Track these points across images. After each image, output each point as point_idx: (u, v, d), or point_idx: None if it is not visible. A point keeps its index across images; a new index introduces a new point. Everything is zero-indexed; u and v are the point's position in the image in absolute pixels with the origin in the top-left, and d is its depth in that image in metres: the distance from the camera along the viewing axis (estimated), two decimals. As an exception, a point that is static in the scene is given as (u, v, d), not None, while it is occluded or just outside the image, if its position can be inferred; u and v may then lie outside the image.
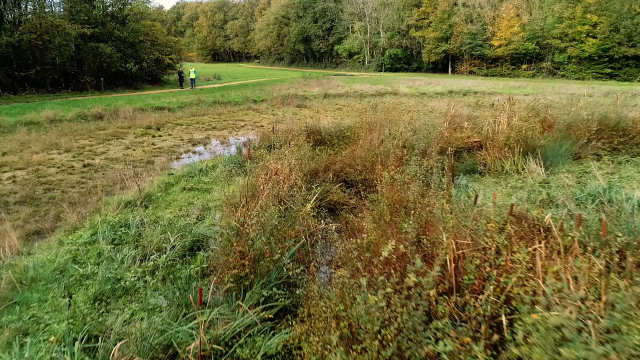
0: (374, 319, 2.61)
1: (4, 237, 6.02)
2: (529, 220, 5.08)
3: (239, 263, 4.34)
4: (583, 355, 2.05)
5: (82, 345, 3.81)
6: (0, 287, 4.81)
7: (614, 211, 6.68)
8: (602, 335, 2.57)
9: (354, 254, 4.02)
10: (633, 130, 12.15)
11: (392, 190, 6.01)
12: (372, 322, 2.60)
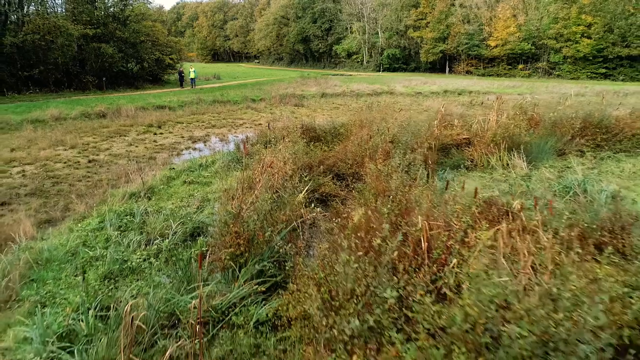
0: (348, 276, 3.10)
1: (19, 224, 6.52)
2: (497, 206, 5.60)
3: (234, 242, 4.84)
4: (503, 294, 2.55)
5: (96, 312, 4.31)
6: (19, 267, 5.31)
7: (586, 201, 7.21)
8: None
9: (336, 231, 4.51)
10: (616, 127, 12.63)
11: (377, 181, 6.53)
12: (345, 279, 3.09)
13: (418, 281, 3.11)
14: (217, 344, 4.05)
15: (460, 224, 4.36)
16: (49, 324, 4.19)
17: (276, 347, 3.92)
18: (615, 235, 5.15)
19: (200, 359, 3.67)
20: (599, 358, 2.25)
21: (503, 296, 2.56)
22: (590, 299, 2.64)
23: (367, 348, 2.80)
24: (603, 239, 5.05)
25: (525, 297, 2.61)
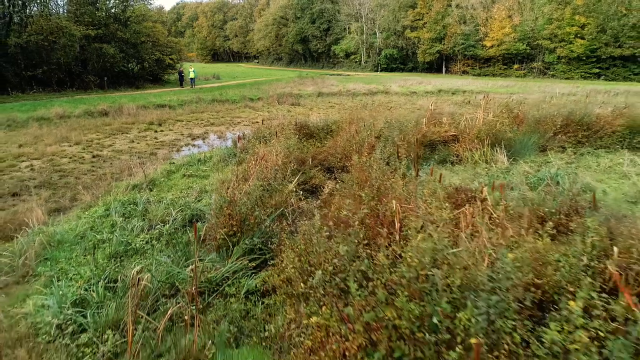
0: (319, 242, 3.68)
1: (32, 212, 7.10)
2: (465, 192, 6.18)
3: (228, 223, 5.42)
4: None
5: (104, 284, 4.89)
6: (34, 247, 5.89)
7: (557, 191, 7.78)
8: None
9: (316, 212, 5.09)
10: (596, 125, 13.19)
11: (360, 171, 7.10)
12: (318, 244, 3.67)
13: (383, 250, 3.68)
14: (212, 310, 4.62)
15: (426, 205, 4.94)
16: (64, 293, 4.76)
17: (263, 311, 4.49)
18: (571, 217, 5.73)
19: (196, 321, 4.23)
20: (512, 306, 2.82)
21: (436, 251, 3.14)
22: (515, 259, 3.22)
23: (335, 302, 3.36)
24: (560, 221, 5.63)
25: (460, 256, 3.19)
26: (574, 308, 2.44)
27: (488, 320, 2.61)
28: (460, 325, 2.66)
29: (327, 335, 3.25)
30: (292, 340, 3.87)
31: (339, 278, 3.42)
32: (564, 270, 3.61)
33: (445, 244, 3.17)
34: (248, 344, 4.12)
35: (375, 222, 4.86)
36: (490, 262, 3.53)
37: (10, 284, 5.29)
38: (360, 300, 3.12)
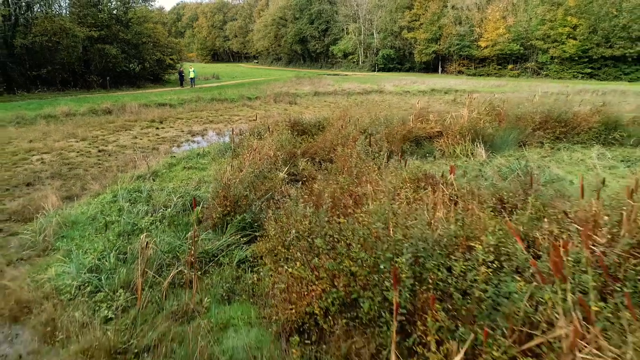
0: (297, 213, 4.45)
1: (47, 198, 7.87)
2: (435, 179, 6.96)
3: (222, 204, 6.20)
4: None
5: (115, 255, 5.66)
6: (52, 226, 6.66)
7: (524, 180, 8.54)
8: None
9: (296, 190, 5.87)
10: (574, 121, 13.97)
11: (343, 161, 7.89)
12: (295, 213, 4.44)
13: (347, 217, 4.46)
14: (208, 276, 5.39)
15: (392, 186, 5.72)
16: (81, 261, 5.54)
17: (252, 277, 5.26)
18: (526, 200, 6.51)
19: (195, 280, 5.01)
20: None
21: (381, 214, 3.92)
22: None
23: (305, 255, 4.13)
24: (516, 202, 6.41)
25: (408, 219, 3.96)
26: (479, 250, 3.21)
27: (418, 262, 3.39)
28: (399, 267, 3.42)
29: (300, 284, 4.04)
30: (275, 297, 4.64)
31: (309, 237, 4.20)
32: (498, 234, 4.38)
33: (390, 209, 3.94)
34: (238, 301, 4.90)
35: (347, 198, 5.64)
36: (435, 226, 4.31)
37: (32, 256, 6.07)
38: (325, 252, 3.90)
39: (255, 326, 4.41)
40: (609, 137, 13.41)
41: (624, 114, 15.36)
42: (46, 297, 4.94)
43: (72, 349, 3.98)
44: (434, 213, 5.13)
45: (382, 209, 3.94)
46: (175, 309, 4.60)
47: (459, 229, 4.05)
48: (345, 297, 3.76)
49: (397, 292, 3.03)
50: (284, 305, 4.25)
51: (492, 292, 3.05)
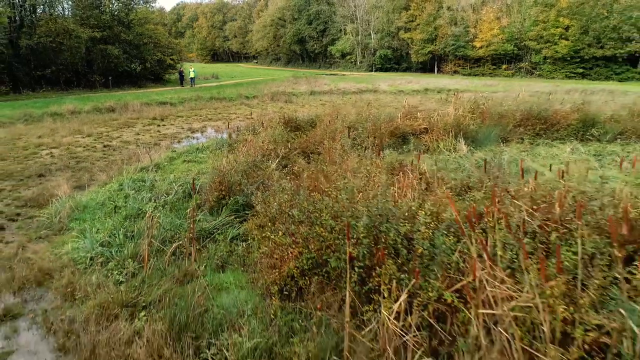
0: (284, 191, 5.23)
1: (60, 186, 8.64)
2: (408, 167, 7.74)
3: (218, 189, 6.98)
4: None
5: (124, 232, 6.43)
6: (66, 209, 7.44)
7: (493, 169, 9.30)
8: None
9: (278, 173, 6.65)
10: (553, 119, 14.75)
11: (328, 152, 8.67)
12: (281, 191, 5.22)
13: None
14: (205, 250, 6.15)
15: (367, 172, 6.50)
16: (94, 238, 6.32)
17: (243, 250, 6.03)
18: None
19: (194, 250, 5.79)
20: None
21: (348, 189, 4.70)
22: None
23: (285, 224, 4.91)
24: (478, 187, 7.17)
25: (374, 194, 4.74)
26: (422, 215, 3.99)
27: (375, 227, 4.17)
28: (359, 232, 4.21)
29: (281, 249, 4.82)
30: (262, 264, 5.41)
31: (289, 210, 4.98)
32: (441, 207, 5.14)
33: (356, 185, 4.71)
34: (231, 269, 5.68)
35: (322, 178, 6.41)
36: (398, 201, 5.09)
37: (50, 235, 6.85)
38: (301, 221, 4.68)
39: (245, 289, 5.18)
40: (587, 134, 14.16)
41: (602, 112, 16.13)
42: (64, 266, 5.72)
43: (90, 304, 4.76)
44: (402, 193, 5.92)
45: (349, 186, 4.72)
46: (177, 274, 5.37)
47: (417, 204, 4.83)
48: (318, 258, 4.54)
49: (350, 245, 3.81)
50: (268, 271, 5.04)
51: (428, 246, 3.84)
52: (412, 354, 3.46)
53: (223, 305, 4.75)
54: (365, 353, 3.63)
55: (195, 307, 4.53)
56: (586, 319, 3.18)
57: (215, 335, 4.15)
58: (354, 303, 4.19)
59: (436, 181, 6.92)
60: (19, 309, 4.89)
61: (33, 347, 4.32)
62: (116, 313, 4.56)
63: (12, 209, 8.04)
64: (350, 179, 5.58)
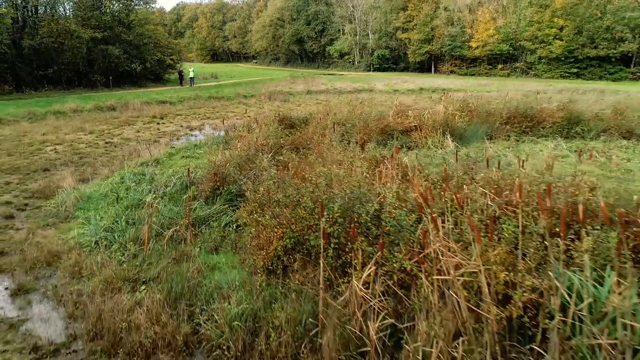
0: (272, 178, 5.76)
1: (65, 179, 9.18)
2: (390, 160, 8.25)
3: (213, 179, 7.51)
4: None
5: (125, 219, 6.95)
6: (71, 199, 7.97)
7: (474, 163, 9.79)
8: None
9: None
10: (539, 117, 15.28)
11: (317, 146, 9.20)
12: (268, 178, 5.75)
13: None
14: (200, 235, 6.67)
15: (349, 163, 7.03)
16: (98, 224, 6.85)
17: (235, 235, 6.55)
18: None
19: (189, 237, 6.32)
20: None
21: (326, 175, 5.23)
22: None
23: (273, 211, 5.44)
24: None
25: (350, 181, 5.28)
26: (389, 196, 4.52)
27: (350, 208, 4.70)
28: (334, 213, 4.73)
29: (267, 230, 5.34)
30: (251, 246, 5.93)
31: (275, 195, 5.52)
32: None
33: (337, 174, 5.24)
34: (224, 252, 6.21)
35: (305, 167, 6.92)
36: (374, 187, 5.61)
37: (57, 222, 7.39)
38: (285, 205, 5.21)
39: (236, 268, 5.71)
40: (571, 131, 14.68)
41: (590, 110, 16.64)
42: (71, 249, 6.25)
43: (95, 280, 5.30)
44: (381, 181, 6.45)
45: (328, 173, 5.25)
46: (174, 254, 5.90)
47: (392, 191, 5.37)
48: (300, 237, 5.08)
49: (325, 222, 4.34)
50: (257, 252, 5.57)
51: (394, 224, 4.37)
52: (377, 315, 3.99)
53: (215, 280, 5.28)
54: (337, 317, 4.16)
55: (190, 280, 5.07)
56: (523, 282, 3.71)
57: (207, 303, 4.69)
58: (330, 276, 4.73)
59: (414, 171, 7.44)
60: (31, 284, 5.43)
61: (45, 315, 4.85)
62: (119, 286, 5.09)
63: (21, 200, 8.57)
64: (332, 168, 6.11)
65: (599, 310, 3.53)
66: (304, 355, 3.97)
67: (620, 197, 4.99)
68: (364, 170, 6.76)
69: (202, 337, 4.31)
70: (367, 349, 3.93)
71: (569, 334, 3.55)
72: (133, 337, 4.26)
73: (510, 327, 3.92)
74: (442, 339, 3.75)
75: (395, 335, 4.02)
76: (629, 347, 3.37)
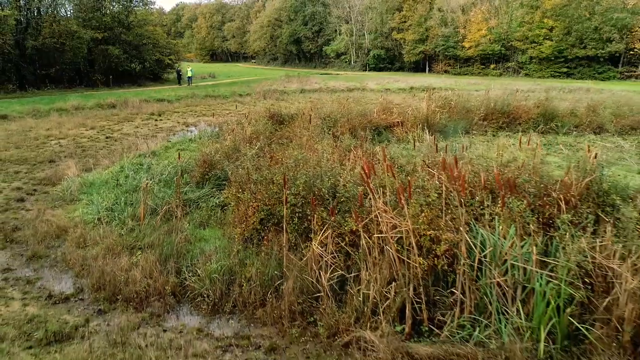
0: (248, 162, 6.67)
1: (69, 169, 10.07)
2: (359, 149, 9.12)
3: (203, 166, 8.41)
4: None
5: (124, 201, 7.85)
6: (76, 185, 8.87)
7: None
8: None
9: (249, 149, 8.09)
10: (514, 113, 16.19)
11: (299, 138, 10.09)
12: (247, 160, 6.66)
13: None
14: (190, 214, 7.56)
15: (322, 150, 7.92)
16: (100, 204, 7.75)
17: (221, 214, 7.44)
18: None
19: (180, 214, 7.21)
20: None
21: (302, 158, 6.13)
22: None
23: (250, 188, 6.34)
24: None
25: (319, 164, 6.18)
26: (344, 174, 5.42)
27: (312, 184, 5.60)
28: (298, 187, 5.64)
29: (246, 204, 6.25)
30: (234, 222, 6.82)
31: (252, 175, 6.43)
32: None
33: (310, 158, 6.15)
34: (210, 227, 7.11)
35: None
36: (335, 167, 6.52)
37: (63, 204, 8.29)
38: (261, 182, 6.12)
39: (220, 240, 6.60)
40: (546, 127, 15.58)
41: (563, 107, 17.54)
42: (77, 224, 7.16)
43: (98, 248, 6.20)
44: (348, 165, 7.33)
45: (299, 157, 6.16)
46: (166, 228, 6.79)
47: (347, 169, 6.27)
48: (271, 209, 5.98)
49: (289, 193, 5.25)
50: (238, 225, 6.47)
51: (346, 195, 5.27)
52: (329, 268, 4.89)
53: (200, 247, 6.19)
54: (298, 270, 5.07)
55: (179, 245, 5.98)
56: (443, 237, 4.62)
57: (192, 263, 5.59)
58: (297, 241, 5.64)
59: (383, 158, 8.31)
60: (43, 252, 6.34)
61: (56, 275, 5.76)
62: (119, 252, 6.00)
63: (30, 186, 9.48)
64: (305, 154, 7.02)
65: (502, 258, 4.44)
66: (270, 299, 4.87)
67: (536, 176, 5.92)
68: (328, 155, 7.65)
69: (187, 288, 5.22)
70: (320, 294, 4.84)
71: (476, 277, 4.46)
72: (130, 288, 5.16)
73: (436, 276, 4.85)
74: (379, 283, 4.66)
75: (344, 284, 4.93)
76: (520, 284, 4.29)
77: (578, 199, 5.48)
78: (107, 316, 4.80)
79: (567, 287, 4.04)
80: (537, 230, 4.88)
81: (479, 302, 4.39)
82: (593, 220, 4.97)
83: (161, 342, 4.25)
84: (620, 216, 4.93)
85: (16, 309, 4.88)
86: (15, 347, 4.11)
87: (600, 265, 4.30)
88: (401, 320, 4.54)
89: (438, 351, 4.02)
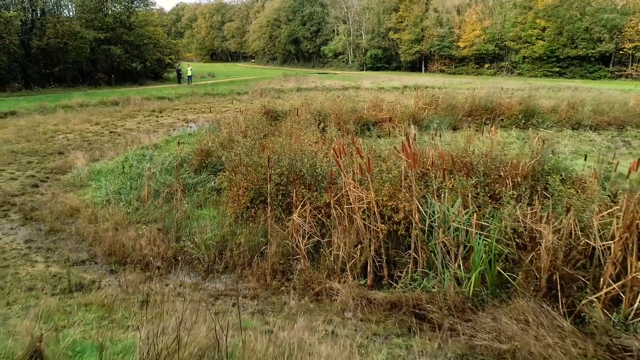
0: (240, 146, 7.55)
1: (78, 159, 10.94)
2: (342, 140, 9.97)
3: (201, 154, 9.28)
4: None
5: (130, 185, 8.72)
6: (84, 172, 9.74)
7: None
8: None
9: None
10: (498, 110, 17.04)
11: (290, 130, 10.95)
12: (240, 145, 7.54)
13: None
14: (189, 197, 8.42)
15: (309, 140, 8.79)
16: (108, 188, 8.62)
17: (216, 197, 8.30)
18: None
19: (179, 195, 8.08)
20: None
21: (287, 144, 7.00)
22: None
23: (241, 171, 7.20)
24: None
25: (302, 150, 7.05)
26: (321, 157, 6.29)
27: (294, 165, 6.46)
28: (282, 168, 6.50)
29: (238, 185, 7.11)
30: (228, 202, 7.68)
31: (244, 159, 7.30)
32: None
33: (287, 142, 7.02)
34: (207, 207, 7.97)
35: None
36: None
37: (74, 189, 9.16)
38: (251, 165, 6.99)
39: (216, 218, 7.46)
40: (528, 123, 16.42)
41: (544, 104, 18.38)
42: (88, 205, 8.03)
43: (108, 223, 7.06)
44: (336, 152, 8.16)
45: (283, 142, 7.03)
46: (167, 209, 7.66)
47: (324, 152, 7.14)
48: (259, 188, 6.85)
49: (274, 173, 6.11)
50: (231, 204, 7.34)
51: (323, 173, 6.14)
52: (307, 235, 5.76)
53: (197, 222, 7.06)
54: (280, 237, 5.93)
55: (179, 219, 6.86)
56: (401, 206, 5.49)
57: (190, 233, 6.46)
58: (280, 215, 6.51)
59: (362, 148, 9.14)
60: (59, 227, 7.21)
61: (73, 245, 6.63)
62: (126, 226, 6.87)
63: (42, 174, 10.35)
64: (291, 141, 7.89)
65: (447, 224, 5.31)
66: (256, 261, 5.75)
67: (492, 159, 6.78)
68: (311, 142, 8.51)
69: (185, 253, 6.10)
70: (298, 256, 5.71)
71: (427, 239, 5.33)
72: (137, 253, 6.04)
73: (397, 241, 5.72)
74: (347, 246, 5.53)
75: (318, 248, 5.80)
76: (462, 244, 5.16)
77: (522, 178, 6.36)
78: (118, 274, 5.67)
79: (497, 245, 4.92)
80: (486, 202, 5.78)
81: (429, 259, 5.26)
82: (529, 193, 5.86)
83: (164, 292, 5.12)
84: (551, 189, 5.79)
85: (41, 269, 5.75)
86: (43, 294, 4.97)
87: (531, 229, 5.19)
88: (365, 276, 5.41)
89: (391, 296, 4.89)
